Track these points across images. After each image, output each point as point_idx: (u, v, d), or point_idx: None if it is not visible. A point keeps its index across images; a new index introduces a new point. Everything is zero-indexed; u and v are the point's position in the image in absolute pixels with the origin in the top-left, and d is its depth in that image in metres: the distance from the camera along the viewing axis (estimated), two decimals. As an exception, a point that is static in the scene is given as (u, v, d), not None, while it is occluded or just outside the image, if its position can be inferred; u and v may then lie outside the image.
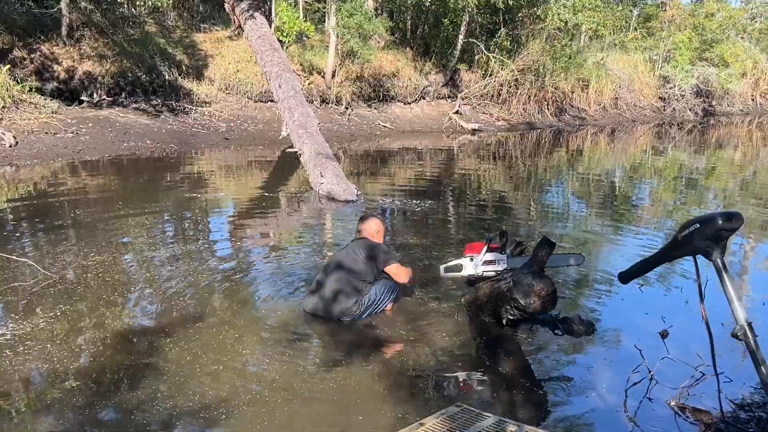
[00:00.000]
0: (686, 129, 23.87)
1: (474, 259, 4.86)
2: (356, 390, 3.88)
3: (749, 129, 26.48)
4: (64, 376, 3.91)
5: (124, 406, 3.61)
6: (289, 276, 5.76)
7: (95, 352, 4.21)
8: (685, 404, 3.84)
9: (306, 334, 4.65)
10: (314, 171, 9.26)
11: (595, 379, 4.14)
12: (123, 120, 13.21)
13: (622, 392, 3.95)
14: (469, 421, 3.54)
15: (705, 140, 22.25)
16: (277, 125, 13.53)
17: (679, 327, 4.80)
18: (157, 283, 5.50)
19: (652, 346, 4.53)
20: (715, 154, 19.19)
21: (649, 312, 5.23)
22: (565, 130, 20.19)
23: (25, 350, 4.20)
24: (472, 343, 4.59)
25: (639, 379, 4.01)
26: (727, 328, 4.79)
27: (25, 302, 4.96)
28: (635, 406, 3.83)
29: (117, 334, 4.47)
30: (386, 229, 5.75)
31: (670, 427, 3.66)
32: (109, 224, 7.28)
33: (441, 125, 17.71)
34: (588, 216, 10.02)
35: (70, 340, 4.38)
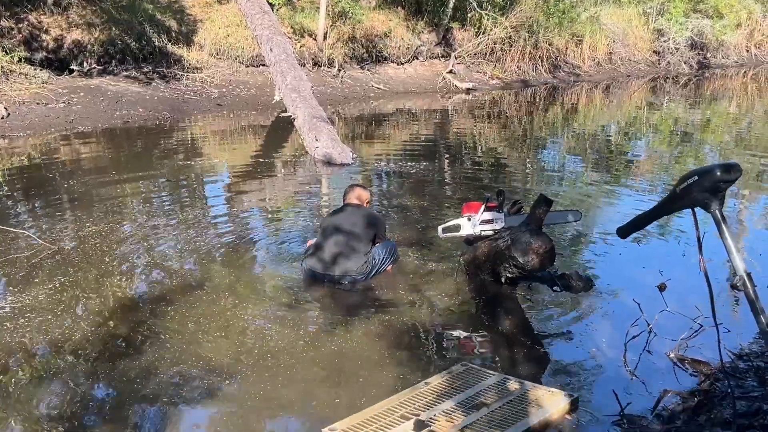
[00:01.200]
0: (681, 82, 23.74)
1: (472, 218, 4.86)
2: (358, 352, 3.90)
3: (744, 81, 26.34)
4: (65, 346, 3.92)
5: (127, 376, 3.62)
6: (287, 241, 5.78)
7: (96, 322, 4.22)
8: (684, 356, 3.87)
9: (306, 298, 4.67)
10: (309, 135, 9.21)
11: (595, 334, 4.17)
12: (114, 88, 13.07)
13: (622, 346, 3.97)
14: (473, 379, 3.57)
15: (700, 93, 22.16)
16: (270, 90, 13.41)
17: (677, 280, 4.81)
18: (156, 251, 5.51)
19: (651, 299, 4.54)
20: (710, 107, 19.14)
21: (647, 266, 5.25)
22: (560, 86, 20.05)
23: (25, 322, 4.19)
24: (471, 302, 4.62)
25: (638, 333, 4.04)
26: (721, 281, 4.87)
27: (24, 274, 4.96)
28: (635, 360, 3.86)
29: (117, 304, 4.48)
30: (382, 192, 5.81)
31: (670, 379, 3.69)
32: (105, 194, 7.26)
33: (435, 85, 17.56)
34: (584, 172, 10.06)
35: (71, 310, 4.38)
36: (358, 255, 4.81)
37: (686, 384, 3.62)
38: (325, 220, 5.09)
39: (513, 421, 3.14)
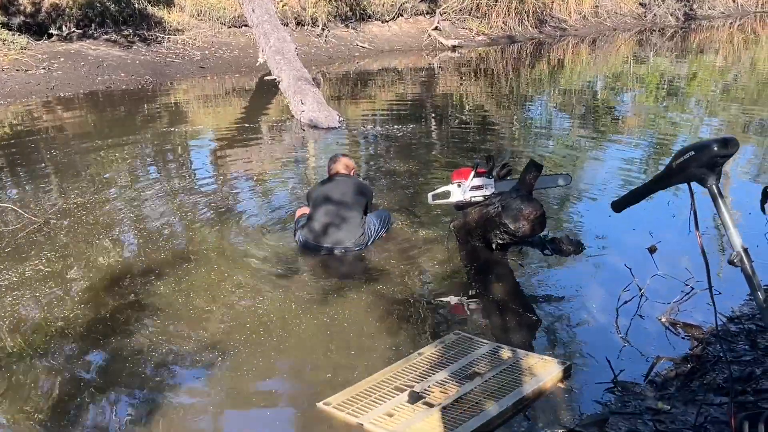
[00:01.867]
0: (667, 35, 23.62)
1: (462, 185, 4.83)
2: (351, 324, 3.89)
3: (730, 32, 26.25)
4: (53, 325, 3.88)
5: (118, 353, 3.60)
6: (276, 209, 5.74)
7: (84, 299, 4.18)
8: (676, 320, 3.89)
9: (297, 268, 4.64)
10: (294, 98, 9.11)
11: (586, 299, 4.17)
12: (95, 53, 12.85)
13: (614, 311, 3.99)
14: (466, 348, 3.58)
15: (686, 45, 22.08)
16: (253, 51, 13.22)
17: (667, 242, 4.85)
18: (143, 222, 5.45)
19: (641, 262, 4.57)
20: (697, 60, 19.10)
21: (637, 227, 5.25)
22: (546, 42, 19.89)
23: (12, 300, 4.16)
24: (463, 269, 4.61)
25: (629, 298, 4.04)
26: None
27: (10, 250, 4.89)
28: (627, 325, 3.87)
29: (105, 279, 4.43)
30: (370, 156, 5.79)
31: (662, 343, 3.71)
32: (89, 162, 7.18)
33: (420, 43, 17.36)
34: (571, 128, 10.20)
35: (58, 288, 4.34)
36: (354, 226, 4.80)
37: (679, 348, 3.64)
38: (316, 191, 5.04)
39: (507, 390, 3.16)
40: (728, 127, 10.58)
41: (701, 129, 10.74)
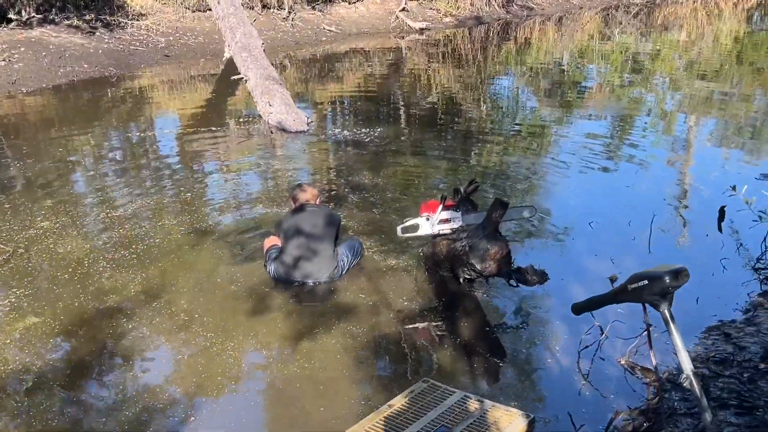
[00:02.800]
0: (633, 12, 23.82)
1: (430, 218, 4.96)
2: (321, 372, 3.96)
3: (694, 6, 26.54)
4: (17, 378, 3.92)
5: (86, 403, 3.68)
6: (245, 230, 5.77)
7: (53, 343, 4.22)
8: (635, 363, 4.06)
9: (268, 305, 4.66)
10: (262, 99, 9.10)
11: (550, 340, 4.30)
12: (56, 41, 12.64)
13: (575, 353, 4.14)
14: (437, 398, 3.69)
15: (651, 22, 22.33)
16: (218, 37, 13.12)
17: (628, 269, 5.02)
18: (111, 251, 5.41)
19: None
20: (661, 37, 19.38)
21: (599, 253, 5.42)
22: (513, 21, 19.98)
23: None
24: (432, 304, 4.71)
25: (591, 341, 4.19)
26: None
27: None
28: (588, 368, 4.02)
29: (74, 320, 4.44)
30: (338, 167, 5.99)
31: (623, 388, 3.87)
32: (55, 175, 7.14)
33: (388, 25, 17.32)
34: (538, 106, 10.94)
35: (26, 333, 4.35)
36: (327, 258, 4.88)
37: (638, 393, 3.81)
38: (287, 221, 5.10)
39: (475, 448, 3.30)
40: (692, 100, 11.15)
41: (665, 103, 11.28)
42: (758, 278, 5.02)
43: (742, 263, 5.25)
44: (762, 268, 5.15)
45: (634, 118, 10.43)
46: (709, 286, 4.91)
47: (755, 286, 4.93)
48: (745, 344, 4.14)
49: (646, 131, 9.62)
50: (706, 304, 4.66)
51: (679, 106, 11.41)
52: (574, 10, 22.36)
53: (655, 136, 9.38)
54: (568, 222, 6.01)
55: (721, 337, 4.27)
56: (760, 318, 4.44)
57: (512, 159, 7.93)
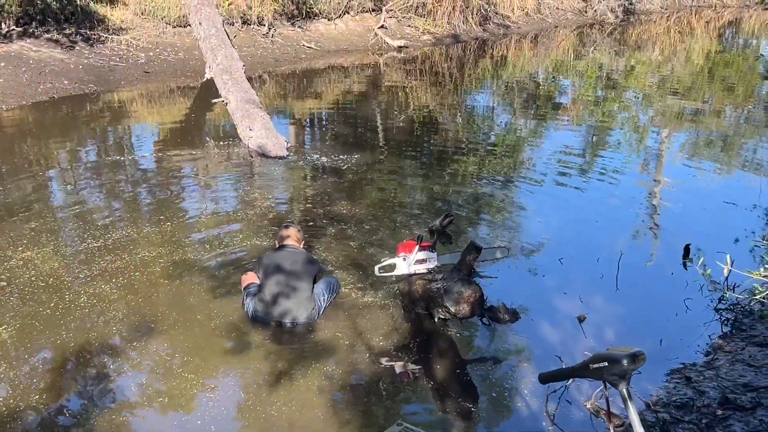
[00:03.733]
0: (607, 30, 24.22)
1: (407, 258, 5.13)
2: (297, 417, 4.10)
3: (667, 25, 27.09)
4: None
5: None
6: (224, 265, 5.87)
7: (37, 385, 4.32)
8: (599, 406, 4.25)
9: (245, 344, 4.76)
10: (242, 123, 9.22)
11: (520, 382, 4.48)
12: (36, 55, 12.67)
13: (544, 396, 4.32)
14: (409, 441, 3.87)
15: (624, 40, 22.76)
16: (199, 53, 13.18)
17: (595, 308, 5.29)
18: (91, 284, 5.49)
19: (571, 333, 5.00)
20: (635, 55, 19.85)
21: (568, 291, 5.62)
22: (490, 40, 20.24)
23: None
24: (407, 344, 4.85)
25: (559, 386, 4.37)
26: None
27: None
28: (554, 412, 4.21)
29: (56, 361, 4.55)
30: (316, 197, 6.25)
31: (587, 428, 4.08)
32: (36, 202, 7.21)
33: (367, 42, 17.49)
34: (513, 121, 11.38)
35: (7, 378, 4.48)
36: (306, 299, 5.01)
37: (602, 436, 4.02)
38: (267, 258, 5.23)
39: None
40: (664, 114, 11.63)
41: (639, 118, 11.81)
42: (719, 319, 5.25)
43: (705, 303, 5.47)
44: (723, 309, 5.37)
45: (607, 134, 10.85)
46: (672, 327, 5.13)
47: (716, 327, 5.15)
48: (704, 389, 4.35)
49: (618, 147, 10.05)
50: (669, 346, 4.87)
51: (651, 122, 11.84)
52: (549, 29, 22.69)
53: (627, 152, 9.81)
54: (539, 257, 6.21)
55: (682, 381, 4.48)
56: (720, 361, 4.66)
57: (488, 183, 8.15)
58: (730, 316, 5.29)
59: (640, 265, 6.13)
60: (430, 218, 6.63)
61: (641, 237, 6.75)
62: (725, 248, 5.95)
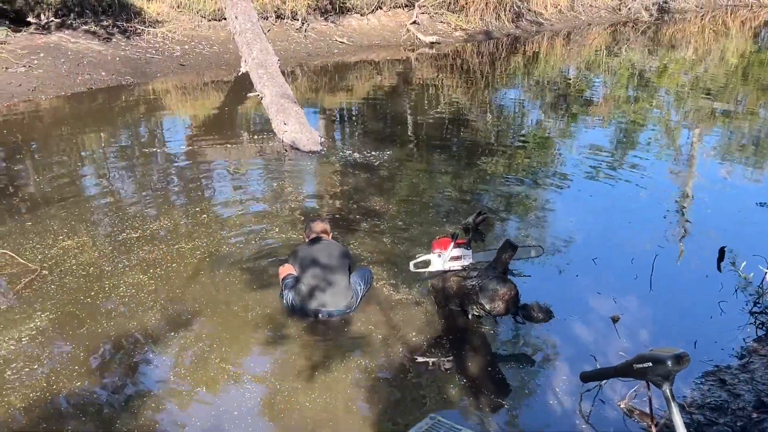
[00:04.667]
0: (641, 29, 23.99)
1: (441, 255, 5.16)
2: (332, 408, 4.17)
3: (702, 24, 26.72)
4: (46, 407, 4.13)
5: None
6: (259, 257, 5.96)
7: (79, 372, 4.43)
8: (634, 406, 4.27)
9: (283, 336, 4.84)
10: (277, 117, 9.29)
11: (553, 380, 4.49)
12: (75, 47, 12.85)
13: (578, 395, 4.34)
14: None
15: (658, 39, 22.53)
16: (233, 47, 13.28)
17: (629, 310, 5.28)
18: (130, 274, 5.61)
19: (605, 333, 5.00)
20: (668, 54, 19.65)
21: (602, 291, 5.62)
22: (522, 36, 20.15)
23: (12, 374, 4.39)
24: (441, 340, 4.90)
25: (593, 385, 4.38)
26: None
27: (6, 307, 5.14)
28: (588, 410, 4.23)
29: (96, 349, 4.66)
30: (349, 192, 6.40)
31: (620, 428, 4.09)
32: (77, 191, 7.36)
33: (399, 38, 17.51)
34: (544, 119, 11.75)
35: (53, 360, 4.56)
36: (344, 289, 5.08)
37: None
38: (303, 252, 5.30)
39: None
40: (696, 114, 11.56)
41: (671, 118, 11.79)
42: (754, 322, 5.22)
43: (740, 306, 5.44)
44: (758, 312, 5.34)
45: (638, 133, 10.77)
46: (707, 330, 5.12)
47: (751, 330, 5.13)
48: (739, 391, 4.34)
49: (650, 146, 9.95)
50: (704, 348, 4.86)
51: (683, 121, 11.75)
52: (582, 27, 22.52)
53: (659, 152, 9.73)
54: (573, 258, 6.20)
55: (716, 383, 4.47)
56: (755, 365, 4.64)
57: (519, 181, 8.13)
58: (766, 319, 5.25)
59: (674, 267, 6.11)
60: (462, 215, 6.66)
61: (675, 238, 6.70)
62: (759, 250, 5.91)
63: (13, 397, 4.16)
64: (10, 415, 4.03)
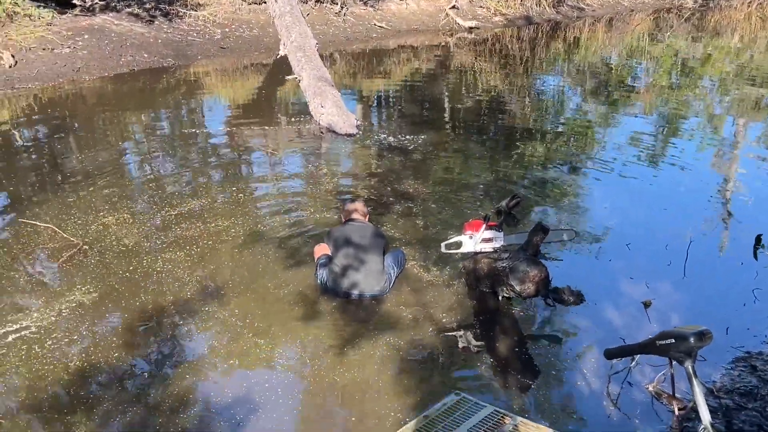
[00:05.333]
0: (685, 15, 23.58)
1: (473, 236, 5.19)
2: (361, 381, 4.25)
3: (748, 11, 26.15)
4: (87, 374, 4.27)
5: (150, 404, 4.01)
6: (295, 236, 6.05)
7: (118, 345, 4.58)
8: (662, 390, 4.27)
9: (315, 312, 4.94)
10: (314, 100, 9.37)
11: (582, 362, 4.52)
12: (118, 29, 13.08)
13: (606, 377, 4.36)
14: (468, 411, 3.95)
15: (703, 26, 22.13)
16: (273, 30, 13.40)
17: (662, 294, 5.26)
18: (168, 250, 5.76)
19: (637, 317, 4.99)
20: (713, 41, 19.28)
21: (634, 276, 5.60)
22: (563, 22, 19.97)
23: (53, 344, 4.53)
24: (470, 319, 4.95)
25: (622, 367, 4.40)
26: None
27: (48, 279, 5.31)
28: (617, 393, 4.25)
29: (135, 319, 4.81)
30: (384, 174, 6.48)
31: (648, 412, 4.09)
32: (118, 167, 7.53)
33: (437, 23, 17.48)
34: (583, 105, 11.69)
35: (93, 329, 4.72)
36: (378, 272, 5.14)
37: (664, 419, 4.01)
38: (338, 232, 5.36)
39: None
40: (741, 103, 11.38)
41: (714, 106, 11.57)
42: (788, 311, 5.17)
43: (774, 294, 5.40)
44: (793, 301, 5.29)
45: (680, 121, 10.63)
46: (740, 316, 5.08)
47: (785, 318, 5.09)
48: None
49: (692, 135, 9.83)
50: (735, 335, 4.83)
51: (727, 110, 11.56)
52: (624, 12, 22.23)
53: (701, 141, 9.60)
54: (606, 242, 6.19)
55: (747, 369, 4.45)
56: (787, 352, 4.61)
57: (555, 167, 8.11)
58: (800, 308, 5.21)
59: (709, 254, 6.07)
60: (496, 200, 6.67)
61: (711, 226, 6.64)
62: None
63: (53, 367, 4.31)
64: (49, 383, 4.18)
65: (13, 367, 4.30)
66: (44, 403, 4.01)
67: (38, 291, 5.17)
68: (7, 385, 4.16)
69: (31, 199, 6.69)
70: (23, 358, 4.37)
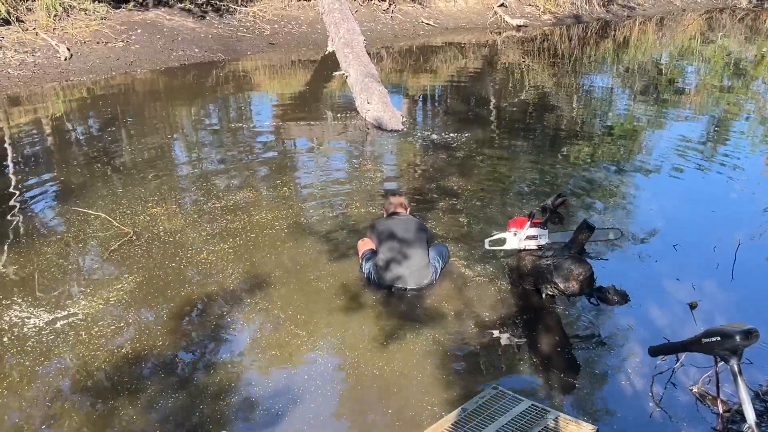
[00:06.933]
0: (738, 16, 23.10)
1: (517, 233, 5.17)
2: (401, 374, 4.27)
3: (807, 13, 25.52)
4: (132, 362, 4.36)
5: (193, 392, 4.08)
6: (337, 229, 6.11)
7: (162, 334, 4.67)
8: (706, 391, 4.21)
9: (359, 305, 4.98)
10: (361, 96, 9.43)
11: (625, 361, 4.48)
12: (170, 24, 13.31)
13: (650, 377, 4.31)
14: (505, 405, 3.95)
15: (757, 27, 21.66)
16: (321, 27, 13.52)
17: (708, 296, 5.18)
18: (213, 242, 5.85)
19: (682, 319, 4.92)
20: (766, 43, 18.86)
21: (681, 278, 5.53)
22: (613, 21, 19.74)
23: (98, 331, 4.64)
24: (513, 316, 4.93)
25: (666, 368, 4.35)
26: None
27: (96, 267, 5.45)
28: (660, 393, 4.20)
29: (180, 309, 4.90)
30: (428, 171, 6.55)
31: (692, 413, 4.04)
32: (166, 159, 7.69)
33: (485, 21, 17.41)
34: (632, 105, 11.47)
35: (138, 318, 4.82)
36: (423, 266, 5.16)
37: (708, 421, 3.96)
38: (382, 226, 5.37)
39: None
40: None
41: (767, 109, 11.17)
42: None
43: (825, 299, 5.28)
44: (844, 306, 5.17)
45: (731, 123, 10.42)
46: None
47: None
48: (817, 384, 4.23)
49: (743, 137, 9.61)
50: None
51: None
52: (676, 12, 21.88)
53: (752, 143, 9.37)
54: (653, 243, 6.11)
55: (793, 375, 4.36)
56: (836, 359, 4.50)
57: (602, 168, 8.04)
58: None
59: (758, 257, 5.95)
60: (540, 198, 6.63)
61: (761, 230, 6.51)
62: None
63: (99, 353, 4.41)
64: (95, 369, 4.28)
65: (61, 352, 4.42)
66: (90, 388, 4.11)
67: (87, 279, 5.31)
68: (55, 369, 4.27)
69: (82, 189, 6.86)
70: (71, 344, 4.49)
